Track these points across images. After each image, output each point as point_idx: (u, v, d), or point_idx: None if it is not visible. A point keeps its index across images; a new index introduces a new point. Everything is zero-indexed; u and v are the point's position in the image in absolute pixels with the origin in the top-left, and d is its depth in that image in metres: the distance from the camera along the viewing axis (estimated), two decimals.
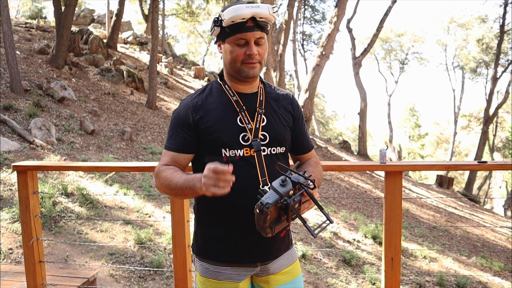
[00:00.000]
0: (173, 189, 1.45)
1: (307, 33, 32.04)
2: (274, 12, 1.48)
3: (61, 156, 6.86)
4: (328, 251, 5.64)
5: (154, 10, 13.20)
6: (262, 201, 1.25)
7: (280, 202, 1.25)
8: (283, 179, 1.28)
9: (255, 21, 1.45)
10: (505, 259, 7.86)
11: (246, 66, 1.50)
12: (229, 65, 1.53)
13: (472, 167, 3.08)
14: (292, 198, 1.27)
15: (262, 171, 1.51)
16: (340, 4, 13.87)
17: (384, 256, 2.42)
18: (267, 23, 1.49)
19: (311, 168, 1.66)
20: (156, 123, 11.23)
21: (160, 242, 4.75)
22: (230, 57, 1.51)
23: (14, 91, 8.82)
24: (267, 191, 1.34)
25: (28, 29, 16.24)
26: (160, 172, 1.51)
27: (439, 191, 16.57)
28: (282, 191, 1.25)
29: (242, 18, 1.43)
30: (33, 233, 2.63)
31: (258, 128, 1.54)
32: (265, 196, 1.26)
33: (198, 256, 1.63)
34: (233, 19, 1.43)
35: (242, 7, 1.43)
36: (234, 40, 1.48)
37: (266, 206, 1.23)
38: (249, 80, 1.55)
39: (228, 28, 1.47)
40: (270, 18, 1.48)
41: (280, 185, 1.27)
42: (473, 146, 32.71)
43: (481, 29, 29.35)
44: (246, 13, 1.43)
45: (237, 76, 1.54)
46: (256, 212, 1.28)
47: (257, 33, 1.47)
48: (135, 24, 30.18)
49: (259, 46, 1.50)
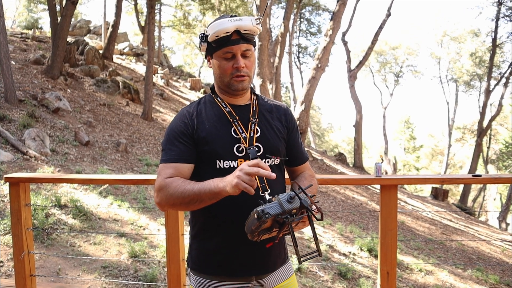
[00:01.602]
0: (187, 196, 1.38)
1: (303, 46, 32.33)
2: (258, 24, 1.49)
3: (55, 167, 6.81)
4: (324, 264, 5.60)
5: (150, 22, 13.26)
6: (264, 209, 1.23)
7: (281, 217, 1.24)
8: (291, 196, 1.25)
9: (240, 34, 1.47)
10: (501, 272, 7.83)
11: (235, 80, 1.51)
12: (219, 79, 1.55)
13: (466, 180, 3.08)
14: (293, 218, 1.25)
15: (260, 178, 1.47)
16: (336, 17, 14.00)
17: (379, 270, 2.41)
18: (253, 35, 1.51)
19: (307, 181, 1.65)
20: (151, 135, 11.20)
21: (155, 255, 4.69)
22: (219, 72, 1.53)
23: (9, 102, 8.79)
24: (270, 199, 1.34)
25: (24, 39, 16.23)
26: (168, 183, 1.44)
27: (434, 203, 16.58)
28: (287, 207, 1.23)
29: (226, 32, 1.45)
30: (25, 246, 2.60)
31: (252, 137, 1.53)
32: (268, 206, 1.24)
33: (193, 270, 1.61)
34: (217, 33, 1.45)
35: (225, 21, 1.45)
36: (221, 54, 1.50)
37: (266, 216, 1.22)
38: (239, 93, 1.57)
39: (214, 43, 1.49)
40: (254, 30, 1.49)
41: (287, 200, 1.25)
42: (467, 158, 32.85)
43: (474, 43, 29.73)
44: (230, 27, 1.44)
45: (227, 90, 1.56)
46: (253, 216, 1.26)
47: (243, 45, 1.49)
48: (132, 35, 30.29)
49: (246, 58, 1.52)
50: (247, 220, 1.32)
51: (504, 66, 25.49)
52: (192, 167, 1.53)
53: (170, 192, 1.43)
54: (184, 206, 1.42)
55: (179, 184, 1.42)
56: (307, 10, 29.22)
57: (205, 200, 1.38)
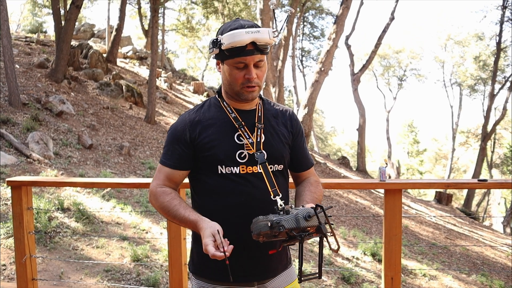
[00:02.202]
0: (170, 216, 1.49)
1: (306, 49, 32.31)
2: (275, 37, 1.45)
3: (58, 171, 6.81)
4: (327, 269, 5.56)
5: (154, 25, 13.30)
6: (279, 221, 1.20)
7: (293, 233, 1.21)
8: (310, 214, 1.22)
9: (255, 45, 1.43)
10: (506, 277, 7.77)
11: (245, 90, 1.49)
12: (228, 86, 1.53)
13: (472, 185, 3.05)
14: (305, 236, 1.22)
15: (270, 181, 1.47)
16: (339, 21, 14.00)
17: (384, 275, 2.38)
18: (267, 46, 1.47)
19: (313, 188, 1.63)
20: (154, 138, 11.21)
21: (157, 259, 4.68)
22: (229, 79, 1.50)
23: (12, 105, 8.82)
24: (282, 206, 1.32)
25: (28, 43, 16.32)
26: (157, 195, 1.53)
27: (438, 207, 16.49)
28: (303, 225, 1.21)
29: (241, 44, 1.41)
30: (26, 250, 2.59)
31: (259, 142, 1.52)
32: (285, 218, 1.21)
33: (195, 274, 1.60)
34: (232, 44, 1.41)
35: (242, 33, 1.40)
36: (233, 63, 1.46)
37: (280, 228, 1.19)
38: (248, 102, 1.56)
39: (227, 51, 1.44)
40: (270, 42, 1.46)
41: (304, 217, 1.22)
42: (471, 163, 32.71)
43: (478, 47, 29.64)
44: (246, 39, 1.40)
45: (235, 97, 1.54)
46: (266, 223, 1.23)
47: (256, 56, 1.45)
48: (135, 39, 30.41)
49: (258, 68, 1.48)
50: (256, 221, 1.29)
51: (509, 70, 25.42)
52: (185, 173, 1.58)
53: (157, 204, 1.53)
54: (171, 221, 1.55)
55: (165, 202, 1.50)
56: (310, 13, 29.24)
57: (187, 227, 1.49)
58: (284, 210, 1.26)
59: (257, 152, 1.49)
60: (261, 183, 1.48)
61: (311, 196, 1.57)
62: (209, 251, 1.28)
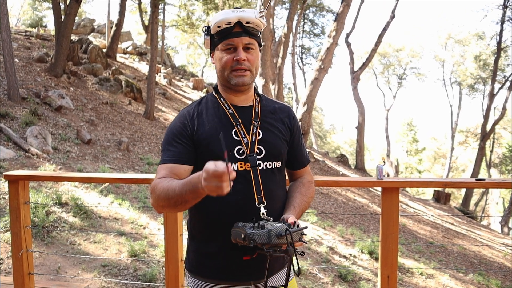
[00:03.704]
0: (171, 197, 1.33)
1: (306, 47, 32.28)
2: (261, 17, 1.46)
3: (57, 165, 6.81)
4: (324, 266, 5.57)
5: (154, 21, 13.26)
6: (252, 236, 1.25)
7: (264, 248, 1.26)
8: (282, 234, 1.27)
9: (242, 27, 1.45)
10: (503, 277, 7.79)
11: (234, 74, 1.48)
12: (219, 73, 1.52)
13: (470, 184, 3.05)
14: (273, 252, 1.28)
15: (257, 188, 1.47)
16: (339, 19, 13.97)
17: (380, 274, 2.38)
18: (256, 29, 1.48)
19: (304, 189, 1.64)
20: (153, 134, 11.20)
21: (154, 255, 4.68)
22: (220, 65, 1.50)
23: (11, 99, 8.80)
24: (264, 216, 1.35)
25: (28, 37, 16.26)
26: (156, 185, 1.41)
27: (436, 206, 16.52)
28: (273, 242, 1.26)
29: (227, 23, 1.43)
30: (23, 244, 2.59)
31: (254, 142, 1.51)
32: (258, 233, 1.26)
33: (190, 272, 1.59)
34: (218, 23, 1.43)
35: (227, 12, 1.43)
36: (222, 47, 1.47)
37: (251, 242, 1.25)
38: (239, 88, 1.52)
39: (216, 35, 1.47)
40: (257, 23, 1.46)
41: (276, 235, 1.26)
42: (470, 162, 32.76)
43: (478, 46, 29.60)
44: (231, 17, 1.42)
45: (227, 84, 1.52)
46: (240, 234, 1.29)
47: (245, 38, 1.46)
48: (135, 35, 30.33)
49: (249, 53, 1.48)
50: (236, 226, 1.35)
51: (509, 69, 25.42)
52: (190, 168, 1.50)
53: (157, 194, 1.39)
54: (173, 207, 1.37)
55: (165, 185, 1.37)
56: (311, 11, 29.19)
57: (190, 201, 1.32)
58: (260, 225, 1.29)
59: (250, 154, 1.49)
60: (256, 188, 1.48)
61: (300, 200, 1.59)
62: (211, 165, 1.17)
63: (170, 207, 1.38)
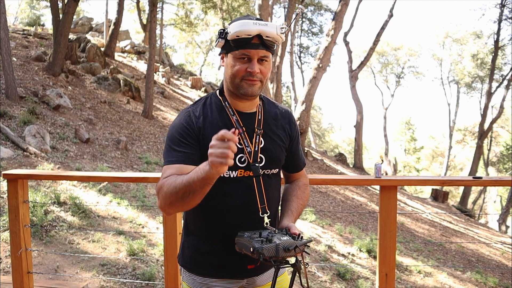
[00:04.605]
0: (179, 189, 1.31)
1: (305, 46, 32.29)
2: (282, 33, 1.43)
3: (55, 164, 6.80)
4: (322, 265, 5.59)
5: (152, 20, 13.24)
6: (261, 250, 1.28)
7: (272, 261, 1.30)
8: (290, 247, 1.31)
9: (261, 39, 1.42)
10: (500, 275, 7.82)
11: (245, 83, 1.46)
12: (229, 79, 1.49)
13: (467, 182, 3.06)
14: (281, 266, 1.32)
15: (261, 197, 1.49)
16: (337, 18, 13.98)
17: (378, 272, 2.39)
18: (274, 43, 1.45)
19: (300, 192, 1.68)
20: (152, 133, 11.19)
21: (153, 254, 4.68)
22: (231, 72, 1.47)
23: (9, 98, 8.78)
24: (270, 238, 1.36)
25: (26, 36, 16.21)
26: (163, 183, 1.37)
27: (434, 205, 16.56)
28: (281, 255, 1.30)
29: (247, 34, 1.39)
30: (22, 243, 2.59)
31: (257, 151, 1.52)
32: (266, 247, 1.29)
33: (185, 268, 1.61)
34: (238, 33, 1.40)
35: (249, 23, 1.39)
36: (237, 55, 1.44)
37: (260, 256, 1.28)
38: (248, 98, 1.50)
39: (232, 42, 1.43)
40: (277, 38, 1.43)
41: (284, 249, 1.30)
42: (468, 160, 32.83)
43: (476, 45, 29.67)
44: (253, 30, 1.39)
45: (235, 91, 1.50)
46: (249, 247, 1.32)
47: (261, 51, 1.43)
48: (133, 33, 30.27)
49: (262, 65, 1.46)
50: (242, 236, 1.38)
51: (506, 68, 25.47)
52: None
53: (165, 191, 1.36)
54: (181, 202, 1.33)
55: (172, 181, 1.34)
56: (309, 10, 29.16)
57: (197, 190, 1.29)
58: (267, 239, 1.33)
59: (253, 164, 1.50)
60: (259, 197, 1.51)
61: (297, 203, 1.62)
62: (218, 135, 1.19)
63: (178, 203, 1.34)
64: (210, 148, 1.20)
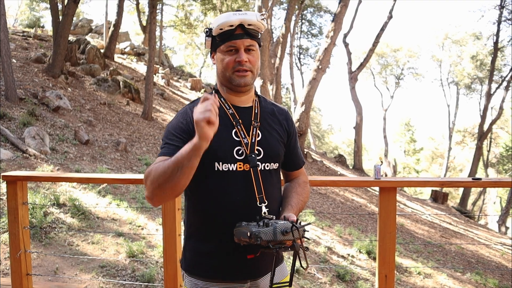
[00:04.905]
0: (167, 168, 1.29)
1: (304, 47, 32.31)
2: (262, 19, 1.49)
3: (54, 166, 6.80)
4: (322, 266, 5.58)
5: (152, 22, 13.26)
6: (259, 233, 1.27)
7: (270, 245, 1.28)
8: (287, 230, 1.29)
9: (244, 29, 1.47)
10: (500, 276, 7.82)
11: (237, 75, 1.50)
12: (221, 74, 1.53)
13: (466, 184, 3.07)
14: (279, 249, 1.30)
15: (258, 188, 1.49)
16: (337, 19, 13.99)
17: (378, 273, 2.39)
18: (257, 31, 1.51)
19: (300, 189, 1.67)
20: (151, 134, 11.19)
21: (152, 255, 4.68)
22: (221, 66, 1.51)
23: (9, 100, 8.78)
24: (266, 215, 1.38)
25: (25, 37, 16.23)
26: (151, 169, 1.36)
27: (434, 206, 16.55)
28: (279, 238, 1.28)
29: (230, 25, 1.45)
30: (21, 245, 2.58)
31: (254, 143, 1.52)
32: (263, 230, 1.28)
33: (187, 272, 1.59)
34: (221, 26, 1.45)
35: (229, 15, 1.45)
36: (224, 49, 1.49)
37: (257, 239, 1.27)
38: (241, 89, 1.54)
39: (218, 37, 1.49)
40: (258, 25, 1.49)
41: (281, 232, 1.28)
42: (467, 162, 32.83)
43: (475, 46, 29.71)
44: (234, 20, 1.45)
45: (229, 85, 1.54)
46: (246, 233, 1.31)
47: (246, 40, 1.48)
48: (133, 35, 30.29)
49: (250, 54, 1.50)
50: (239, 226, 1.37)
51: (506, 69, 25.49)
52: None
53: (153, 174, 1.33)
54: (170, 183, 1.30)
55: (159, 165, 1.33)
56: (308, 11, 29.22)
57: (186, 164, 1.27)
58: (265, 223, 1.32)
59: (251, 154, 1.50)
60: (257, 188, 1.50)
61: (297, 199, 1.61)
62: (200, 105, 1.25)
63: (167, 184, 1.31)
64: (195, 112, 1.24)
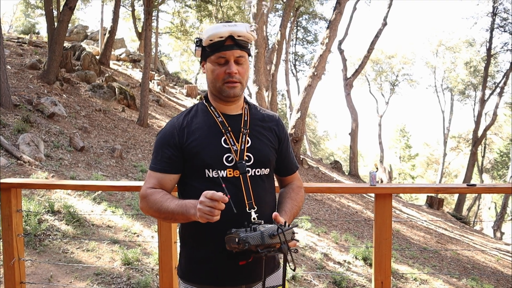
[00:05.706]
0: (163, 212, 1.45)
1: (299, 54, 32.47)
2: (252, 31, 1.51)
3: (49, 173, 6.76)
4: (318, 273, 5.57)
5: (147, 28, 13.28)
6: (246, 238, 1.29)
7: (258, 249, 1.30)
8: (274, 234, 1.30)
9: (234, 40, 1.49)
10: (495, 281, 7.83)
11: (227, 86, 1.52)
12: (211, 84, 1.56)
13: (461, 190, 3.08)
14: (268, 253, 1.31)
15: (248, 194, 1.51)
16: (332, 26, 14.08)
17: (374, 279, 2.39)
18: (247, 42, 1.52)
19: (294, 194, 1.69)
20: (147, 141, 11.17)
21: (148, 263, 4.65)
22: (212, 76, 1.54)
23: (3, 106, 8.74)
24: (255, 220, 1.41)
25: (20, 44, 16.19)
26: (148, 195, 1.51)
27: (429, 212, 16.59)
28: (267, 242, 1.30)
29: (220, 37, 1.47)
30: (15, 253, 2.56)
31: (243, 150, 1.54)
32: (251, 235, 1.30)
33: (183, 279, 1.60)
34: (211, 37, 1.47)
35: (219, 26, 1.47)
36: (214, 59, 1.51)
37: (245, 244, 1.28)
38: (231, 99, 1.56)
39: (208, 47, 1.51)
40: (248, 36, 1.50)
41: (269, 235, 1.30)
42: (462, 167, 32.99)
43: (469, 53, 30.00)
44: (223, 32, 1.46)
45: (219, 95, 1.56)
46: (234, 239, 1.33)
47: (236, 51, 1.50)
48: (128, 41, 30.31)
49: (240, 65, 1.52)
50: (229, 233, 1.39)
51: (499, 75, 25.75)
52: (176, 177, 1.57)
53: (149, 205, 1.50)
54: (161, 219, 1.54)
55: (158, 198, 1.48)
56: (303, 18, 29.39)
57: (179, 220, 1.46)
58: (252, 228, 1.34)
59: (240, 161, 1.52)
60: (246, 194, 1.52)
61: (291, 204, 1.63)
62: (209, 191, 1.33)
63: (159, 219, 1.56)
64: (199, 203, 1.33)
